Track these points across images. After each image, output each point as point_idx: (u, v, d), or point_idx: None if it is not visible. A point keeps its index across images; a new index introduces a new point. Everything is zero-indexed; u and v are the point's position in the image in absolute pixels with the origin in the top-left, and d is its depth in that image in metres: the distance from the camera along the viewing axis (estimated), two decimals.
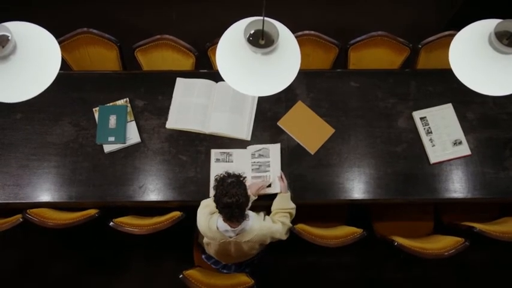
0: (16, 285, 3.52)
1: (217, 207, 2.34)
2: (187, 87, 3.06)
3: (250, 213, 2.51)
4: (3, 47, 1.73)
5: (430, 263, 3.48)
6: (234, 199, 2.23)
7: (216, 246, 2.57)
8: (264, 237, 2.51)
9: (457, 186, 2.85)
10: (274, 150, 2.89)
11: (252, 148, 2.90)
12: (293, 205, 2.69)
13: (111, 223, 2.73)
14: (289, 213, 2.66)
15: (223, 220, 2.40)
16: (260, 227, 2.48)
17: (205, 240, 2.66)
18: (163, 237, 3.02)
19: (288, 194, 2.73)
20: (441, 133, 2.95)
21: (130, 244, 3.54)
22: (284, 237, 2.60)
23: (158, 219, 2.83)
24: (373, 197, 2.85)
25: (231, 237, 2.45)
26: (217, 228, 2.44)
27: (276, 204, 2.70)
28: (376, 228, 3.11)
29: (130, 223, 2.78)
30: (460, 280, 3.54)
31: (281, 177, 2.79)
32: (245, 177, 2.40)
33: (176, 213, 2.79)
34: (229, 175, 2.37)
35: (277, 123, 2.99)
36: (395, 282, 3.52)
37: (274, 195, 2.75)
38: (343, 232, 2.83)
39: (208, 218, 2.49)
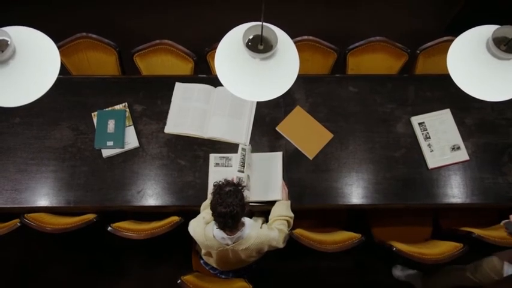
0: None
1: (212, 215, 2.33)
2: (186, 92, 3.07)
3: (247, 220, 2.50)
4: (2, 51, 1.73)
5: (429, 268, 3.47)
6: (229, 209, 2.21)
7: (215, 256, 2.57)
8: (262, 245, 2.50)
9: (456, 192, 2.85)
10: (276, 159, 2.89)
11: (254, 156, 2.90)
12: (292, 214, 2.69)
13: (109, 228, 2.72)
14: (287, 221, 2.65)
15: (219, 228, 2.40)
16: (257, 234, 2.47)
17: (203, 252, 2.65)
18: (161, 242, 3.02)
19: (288, 202, 2.73)
20: (439, 138, 2.95)
21: (129, 249, 3.53)
22: (281, 245, 2.59)
23: (156, 224, 2.82)
24: (371, 202, 2.85)
25: (228, 244, 2.44)
26: (214, 236, 2.43)
27: (275, 211, 2.69)
28: (374, 233, 3.10)
29: (128, 228, 2.77)
30: None
31: (282, 185, 2.79)
32: (244, 186, 2.39)
33: (174, 218, 2.79)
34: (227, 183, 2.34)
35: (276, 128, 2.99)
36: (393, 287, 3.52)
37: (274, 201, 2.75)
38: (342, 237, 2.82)
39: (203, 227, 2.49)
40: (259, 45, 1.79)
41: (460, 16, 4.10)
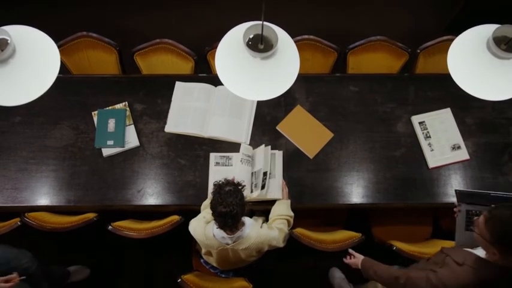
0: None
1: (212, 214, 2.33)
2: (186, 91, 3.07)
3: (247, 220, 2.50)
4: (2, 50, 1.73)
5: None
6: (229, 209, 2.21)
7: (215, 255, 2.57)
8: (262, 244, 2.50)
9: None
10: (276, 158, 2.89)
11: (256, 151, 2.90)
12: (292, 213, 2.69)
13: (110, 227, 2.73)
14: (287, 220, 2.66)
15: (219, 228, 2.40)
16: (257, 234, 2.47)
17: (204, 251, 2.65)
18: (162, 242, 3.02)
19: (289, 201, 2.73)
20: (440, 138, 2.95)
21: (129, 248, 3.53)
22: (281, 244, 2.59)
23: (157, 223, 2.82)
24: (371, 202, 2.85)
25: (228, 244, 2.44)
26: (214, 235, 2.44)
27: (275, 211, 2.70)
28: (374, 232, 3.11)
29: (128, 227, 2.77)
30: None
31: (283, 184, 2.79)
32: (244, 185, 2.39)
33: (175, 217, 2.79)
34: (227, 183, 2.34)
35: (276, 127, 2.99)
36: None
37: (274, 201, 2.76)
38: (342, 236, 2.82)
39: (204, 226, 2.49)
40: (259, 45, 1.79)
41: (461, 15, 4.10)
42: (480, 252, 2.03)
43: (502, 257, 1.91)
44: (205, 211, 2.59)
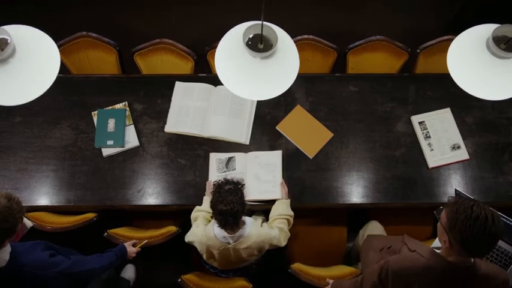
0: None
1: (213, 213, 2.34)
2: (186, 91, 3.07)
3: (248, 219, 2.51)
4: (2, 50, 1.73)
5: None
6: (229, 207, 2.23)
7: (217, 255, 2.56)
8: (263, 243, 2.50)
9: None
10: (276, 157, 2.89)
11: (253, 154, 2.89)
12: (292, 213, 2.69)
13: (105, 234, 2.72)
14: (287, 220, 2.66)
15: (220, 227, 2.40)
16: (258, 233, 2.47)
17: (205, 256, 2.64)
18: (162, 241, 3.02)
19: (288, 201, 2.73)
20: (440, 137, 2.95)
21: None
22: (282, 244, 2.59)
23: (153, 233, 2.80)
24: (371, 201, 2.85)
25: (229, 243, 2.44)
26: (215, 235, 2.44)
27: (275, 210, 2.70)
28: None
29: (125, 235, 2.76)
30: None
31: (282, 183, 2.79)
32: (243, 184, 2.39)
33: (172, 229, 2.79)
34: (227, 181, 2.35)
35: (276, 127, 2.99)
36: None
37: (274, 200, 2.76)
38: (341, 272, 2.80)
39: (203, 228, 2.49)
40: (259, 44, 1.79)
41: (461, 15, 4.10)
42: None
43: (450, 248, 1.92)
44: (196, 223, 2.59)
